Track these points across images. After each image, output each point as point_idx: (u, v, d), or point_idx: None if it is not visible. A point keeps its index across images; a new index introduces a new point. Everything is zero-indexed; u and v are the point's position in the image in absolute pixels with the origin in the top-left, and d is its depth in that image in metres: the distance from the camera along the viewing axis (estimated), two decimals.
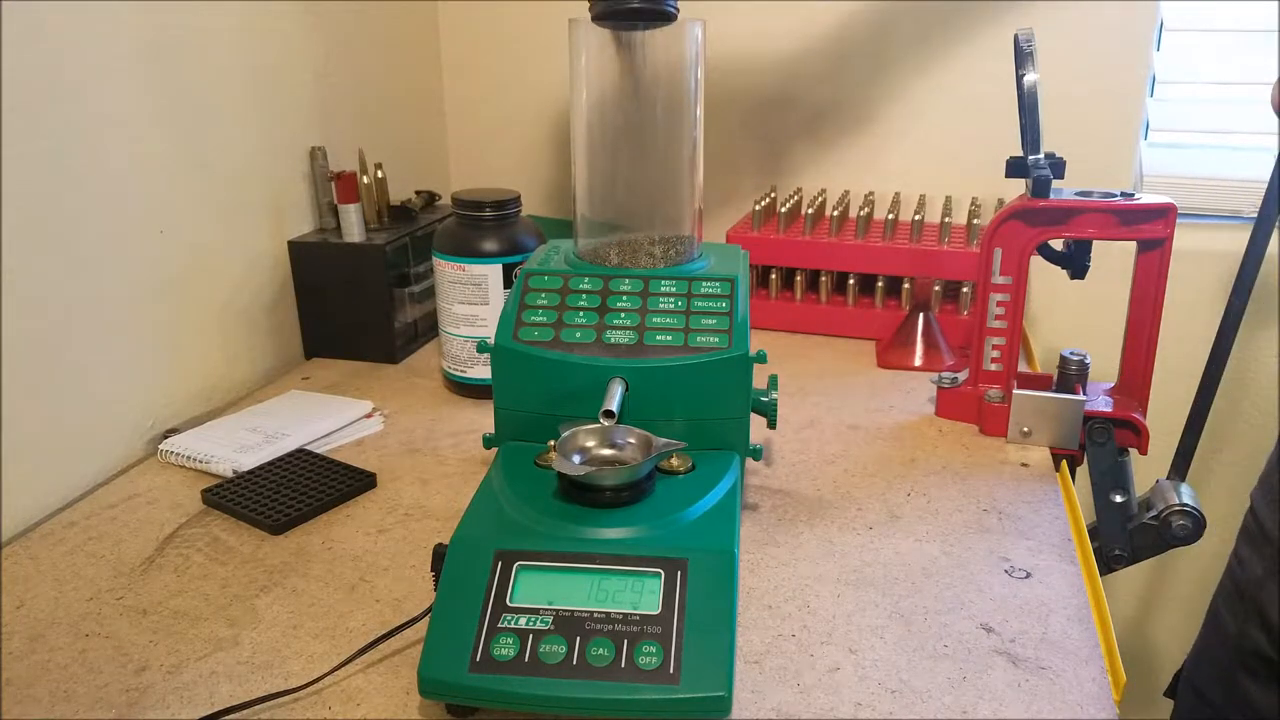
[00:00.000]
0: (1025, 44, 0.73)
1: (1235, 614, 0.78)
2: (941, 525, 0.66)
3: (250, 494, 0.68)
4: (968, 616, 0.56)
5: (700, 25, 0.64)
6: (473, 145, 1.26)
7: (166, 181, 0.79)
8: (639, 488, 0.53)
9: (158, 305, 0.79)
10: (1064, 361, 0.78)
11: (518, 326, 0.61)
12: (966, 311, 0.99)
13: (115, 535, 0.65)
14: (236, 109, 0.86)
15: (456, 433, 0.80)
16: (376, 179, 0.96)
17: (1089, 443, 0.76)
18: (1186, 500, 0.77)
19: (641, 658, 0.45)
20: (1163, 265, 0.75)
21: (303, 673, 0.51)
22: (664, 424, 0.58)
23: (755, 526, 0.65)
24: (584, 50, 0.64)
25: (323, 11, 0.97)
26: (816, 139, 1.15)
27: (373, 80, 1.08)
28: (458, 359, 0.85)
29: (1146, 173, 1.09)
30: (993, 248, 0.76)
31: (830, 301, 1.02)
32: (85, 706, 0.49)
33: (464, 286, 0.83)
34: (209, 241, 0.84)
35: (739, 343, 0.59)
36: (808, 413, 0.83)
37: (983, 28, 1.06)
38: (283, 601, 0.58)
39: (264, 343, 0.92)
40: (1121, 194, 0.75)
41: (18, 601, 0.58)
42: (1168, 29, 1.04)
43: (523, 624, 0.47)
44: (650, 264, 0.65)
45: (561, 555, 0.49)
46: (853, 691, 0.50)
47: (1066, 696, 0.50)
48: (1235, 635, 0.77)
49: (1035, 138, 0.74)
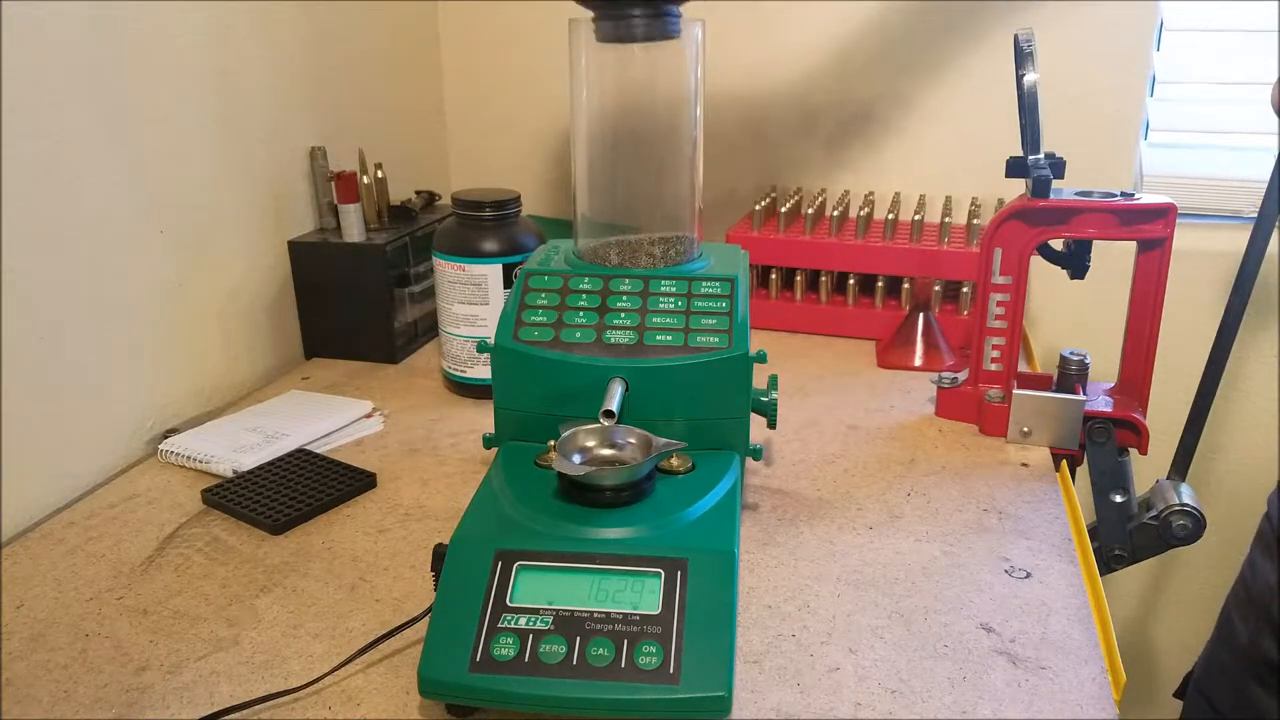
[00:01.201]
0: (1025, 44, 0.73)
1: (1247, 621, 0.78)
2: (941, 525, 0.66)
3: (250, 494, 0.68)
4: (968, 616, 0.56)
5: (700, 25, 0.64)
6: (473, 145, 1.26)
7: (167, 181, 0.79)
8: (639, 488, 0.53)
9: (158, 305, 0.79)
10: (1064, 361, 0.78)
11: (518, 326, 0.61)
12: (966, 311, 0.99)
13: (115, 535, 0.65)
14: (237, 109, 0.86)
15: (456, 433, 0.80)
16: (376, 179, 0.96)
17: (1089, 443, 0.76)
18: (1186, 500, 0.77)
19: (641, 658, 0.45)
20: (1163, 265, 0.75)
21: (303, 673, 0.51)
22: (664, 424, 0.59)
23: (755, 526, 0.65)
24: (584, 51, 0.64)
25: (323, 11, 0.97)
26: (816, 139, 1.15)
27: (373, 80, 1.08)
28: (458, 359, 0.85)
29: (1146, 173, 1.09)
30: (993, 248, 0.76)
31: (830, 301, 1.02)
32: (85, 706, 0.49)
33: (464, 286, 0.83)
34: (209, 241, 0.84)
35: (739, 343, 0.59)
36: (808, 413, 0.83)
37: (983, 28, 1.06)
38: (283, 601, 0.58)
39: (264, 343, 0.92)
40: (1121, 194, 0.75)
41: (18, 601, 0.58)
42: (1168, 29, 1.04)
43: (523, 624, 0.47)
44: (650, 264, 0.65)
45: (561, 555, 0.49)
46: (853, 691, 0.50)
47: (1066, 696, 0.50)
48: (1247, 644, 0.77)
49: (1035, 138, 0.74)
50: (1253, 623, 0.77)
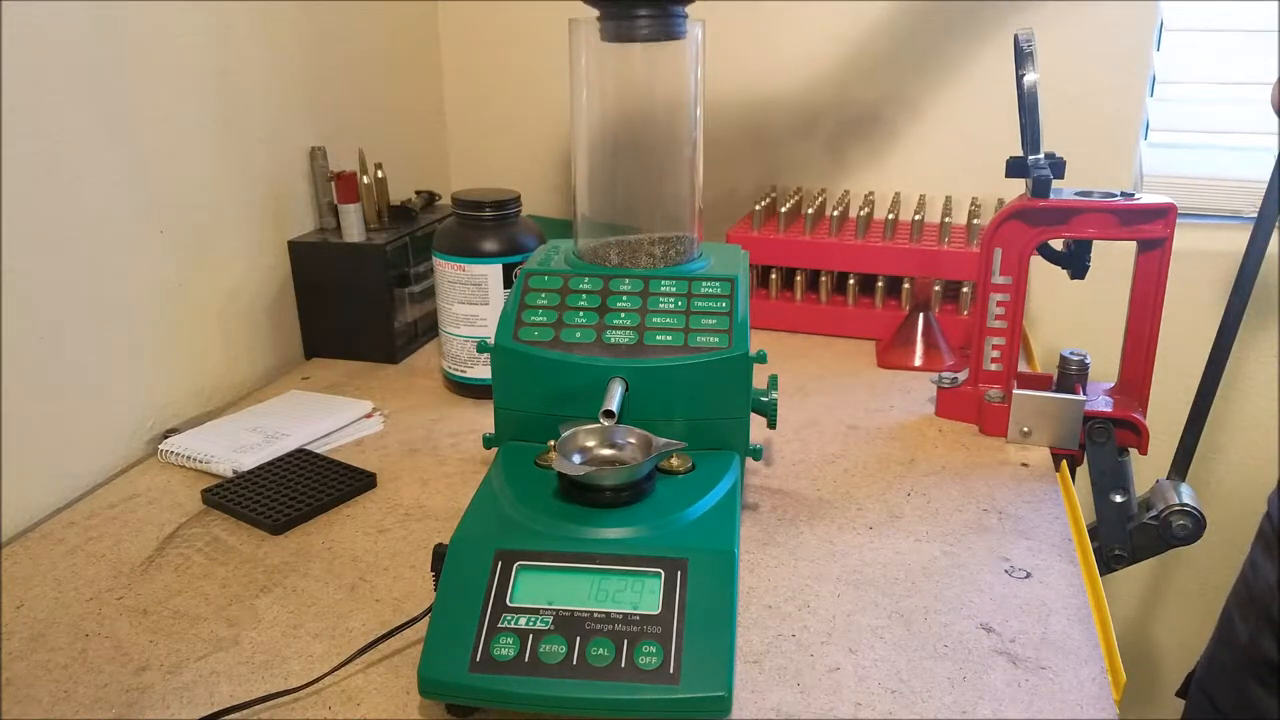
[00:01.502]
0: (1025, 44, 0.73)
1: (1248, 621, 0.78)
2: (941, 525, 0.66)
3: (250, 494, 0.68)
4: (968, 616, 0.56)
5: (700, 26, 0.64)
6: (473, 145, 1.26)
7: (167, 181, 0.79)
8: (639, 488, 0.53)
9: (158, 305, 0.79)
10: (1064, 361, 0.78)
11: (518, 326, 0.61)
12: (966, 311, 0.99)
13: (115, 535, 0.65)
14: (237, 109, 0.86)
15: (456, 433, 0.80)
16: (376, 179, 0.96)
17: (1089, 443, 0.76)
18: (1186, 500, 0.77)
19: (641, 658, 0.45)
20: (1163, 265, 0.75)
21: (303, 673, 0.51)
22: (664, 424, 0.58)
23: (755, 526, 0.65)
24: (584, 51, 0.64)
25: (323, 12, 0.97)
26: (817, 139, 1.14)
27: (373, 80, 1.08)
28: (458, 359, 0.85)
29: (1146, 173, 1.09)
30: (993, 248, 0.76)
31: (830, 301, 1.02)
32: (85, 706, 0.49)
33: (464, 286, 0.83)
34: (209, 241, 0.84)
35: (739, 343, 0.59)
36: (808, 413, 0.83)
37: (983, 28, 1.06)
38: (283, 601, 0.58)
39: (264, 343, 0.92)
40: (1121, 194, 0.74)
41: (18, 601, 0.58)
42: (1168, 29, 1.04)
43: (523, 624, 0.47)
44: (650, 264, 0.65)
45: (561, 555, 0.49)
46: (853, 691, 0.50)
47: (1066, 696, 0.50)
48: (1247, 644, 0.77)
49: (1035, 138, 0.74)
50: (1253, 622, 0.77)
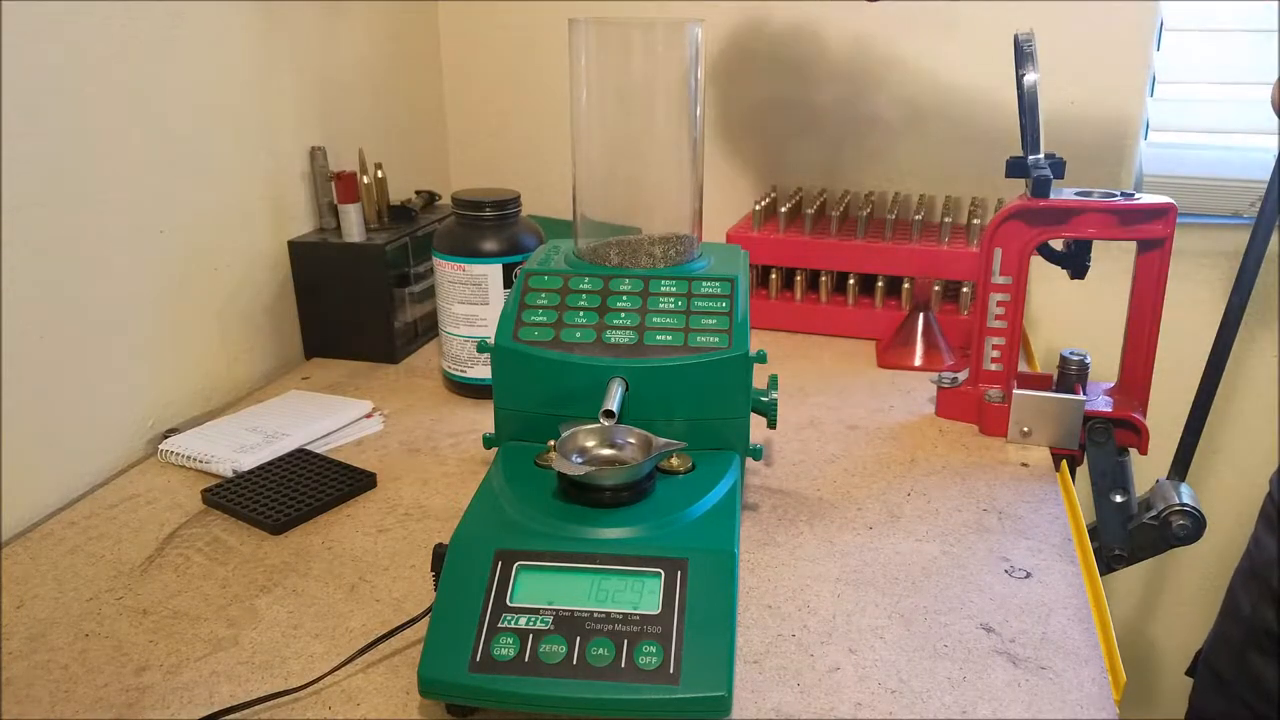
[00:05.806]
0: (1025, 44, 0.73)
1: (1250, 593, 0.80)
2: (941, 525, 0.66)
3: (250, 494, 0.68)
4: (968, 616, 0.56)
5: (700, 25, 0.64)
6: (473, 145, 1.26)
7: (166, 181, 0.79)
8: (639, 488, 0.53)
9: (158, 305, 0.79)
10: (1064, 361, 0.78)
11: (518, 326, 0.61)
12: (966, 311, 0.99)
13: (115, 535, 0.65)
14: (236, 108, 0.86)
15: (456, 433, 0.80)
16: (376, 179, 0.96)
17: (1089, 443, 0.76)
18: (1186, 500, 0.77)
19: (641, 658, 0.45)
20: (1163, 265, 0.75)
21: (303, 673, 0.51)
22: (664, 424, 0.58)
23: (755, 526, 0.65)
24: (584, 50, 0.64)
25: (323, 12, 0.97)
26: (817, 139, 1.14)
27: (373, 80, 1.08)
28: (458, 359, 0.85)
29: (1146, 173, 1.09)
30: (993, 248, 0.76)
31: (830, 301, 1.02)
32: (85, 706, 0.49)
33: (464, 286, 0.83)
34: (209, 241, 0.84)
35: (739, 343, 0.59)
36: (808, 413, 0.83)
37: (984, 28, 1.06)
38: (283, 601, 0.58)
39: (264, 343, 0.92)
40: (1121, 194, 0.75)
41: (18, 601, 0.58)
42: (1168, 29, 1.04)
43: (523, 624, 0.47)
44: (650, 264, 0.65)
45: (561, 555, 0.49)
46: (853, 691, 0.50)
47: (1066, 696, 0.50)
48: (1249, 614, 0.79)
49: (1035, 138, 0.74)
50: (1255, 594, 0.79)
